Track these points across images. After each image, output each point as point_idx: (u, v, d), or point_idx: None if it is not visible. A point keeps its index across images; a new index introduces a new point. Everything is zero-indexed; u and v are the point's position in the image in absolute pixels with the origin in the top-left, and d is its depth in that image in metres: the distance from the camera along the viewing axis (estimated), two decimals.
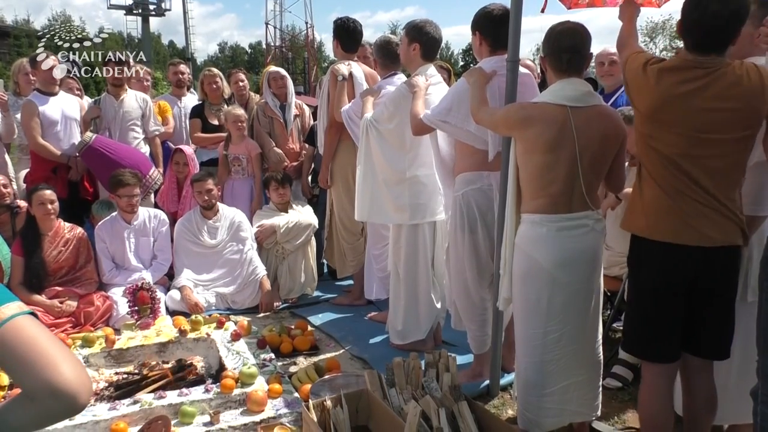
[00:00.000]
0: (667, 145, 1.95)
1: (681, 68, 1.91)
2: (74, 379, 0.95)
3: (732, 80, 1.86)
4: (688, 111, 1.90)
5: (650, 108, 1.98)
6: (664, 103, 1.93)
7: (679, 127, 1.92)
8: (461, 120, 2.61)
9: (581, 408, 2.35)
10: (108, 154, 4.22)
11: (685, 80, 1.89)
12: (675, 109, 1.92)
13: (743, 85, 1.86)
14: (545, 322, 2.23)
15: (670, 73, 1.92)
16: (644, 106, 2.01)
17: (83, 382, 0.96)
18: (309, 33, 40.59)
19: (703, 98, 1.88)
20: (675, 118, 1.92)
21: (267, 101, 4.68)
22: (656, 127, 1.98)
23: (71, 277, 3.80)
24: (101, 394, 2.73)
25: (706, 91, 1.87)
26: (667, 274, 1.99)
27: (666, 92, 1.92)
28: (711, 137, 1.89)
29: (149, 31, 36.93)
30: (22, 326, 0.97)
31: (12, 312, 0.98)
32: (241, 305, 4.06)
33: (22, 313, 1.00)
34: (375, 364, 3.05)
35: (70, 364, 0.95)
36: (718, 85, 1.87)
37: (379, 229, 3.70)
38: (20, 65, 4.87)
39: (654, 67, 1.95)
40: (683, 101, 1.90)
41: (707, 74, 1.88)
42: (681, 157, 1.93)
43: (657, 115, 1.96)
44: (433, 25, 3.16)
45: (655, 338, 2.07)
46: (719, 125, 1.88)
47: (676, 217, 1.94)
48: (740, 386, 2.17)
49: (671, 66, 1.93)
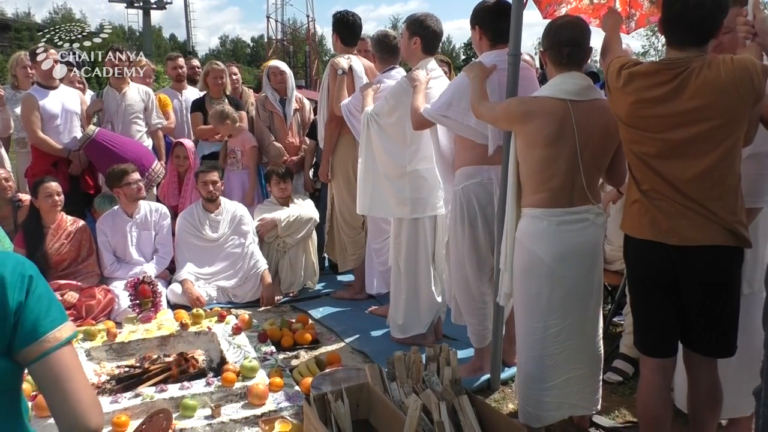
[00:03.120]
0: (642, 147, 1.95)
1: (650, 72, 1.88)
2: (100, 424, 1.11)
3: (702, 79, 1.81)
4: (659, 115, 1.87)
5: (622, 112, 1.97)
6: (634, 107, 1.91)
7: (650, 130, 1.91)
8: (461, 114, 2.61)
9: (581, 401, 2.36)
10: (111, 147, 4.22)
11: (655, 84, 1.86)
12: (645, 113, 1.90)
13: (713, 82, 1.80)
14: (546, 316, 2.24)
15: (640, 78, 1.89)
16: (618, 110, 2.00)
17: (102, 423, 1.12)
18: (310, 26, 40.49)
19: (673, 101, 1.84)
20: (646, 122, 1.91)
21: (267, 95, 4.67)
22: (630, 131, 1.97)
23: (73, 270, 3.82)
24: (103, 388, 2.74)
25: (676, 94, 1.83)
26: (649, 270, 2.00)
27: (634, 96, 1.90)
28: (684, 138, 1.86)
29: (150, 24, 36.86)
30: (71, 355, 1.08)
31: (66, 335, 1.07)
32: (242, 299, 4.07)
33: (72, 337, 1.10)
34: (376, 357, 3.06)
35: (98, 409, 1.11)
36: (688, 85, 1.82)
37: (380, 223, 3.70)
38: (18, 59, 4.84)
39: (626, 72, 1.93)
40: (653, 105, 1.87)
41: (676, 75, 1.83)
42: (655, 159, 1.92)
43: (629, 120, 1.95)
44: (434, 19, 3.15)
45: (648, 333, 2.07)
46: (691, 126, 1.85)
47: (655, 217, 1.94)
48: (738, 380, 2.17)
49: (642, 71, 1.90)
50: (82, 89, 4.83)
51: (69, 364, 1.07)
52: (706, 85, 1.81)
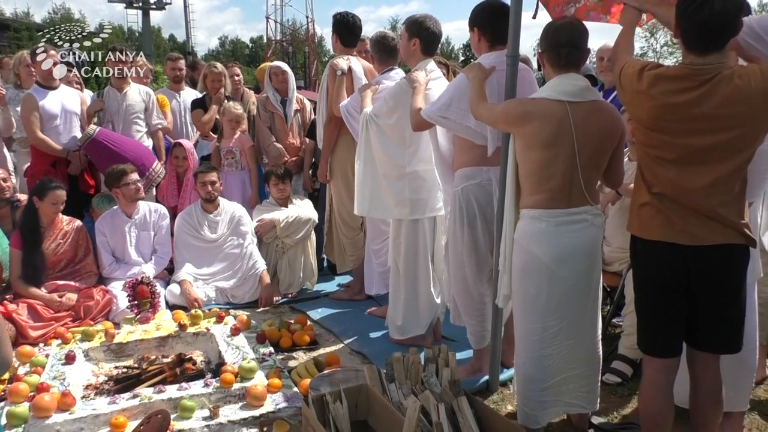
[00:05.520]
0: (660, 151, 1.95)
1: (679, 77, 1.87)
2: None
3: (731, 88, 1.81)
4: (684, 120, 1.87)
5: (644, 114, 1.96)
6: (659, 110, 1.91)
7: (673, 135, 1.91)
8: (460, 115, 2.61)
9: (576, 400, 2.36)
10: (111, 147, 4.21)
11: (683, 89, 1.85)
12: (670, 117, 1.89)
13: (743, 92, 1.80)
14: (544, 316, 2.24)
15: (667, 81, 1.88)
16: (638, 112, 2.00)
17: None
18: (310, 27, 40.51)
19: (700, 107, 1.84)
20: (670, 126, 1.90)
21: (268, 96, 4.67)
22: (650, 135, 1.97)
23: (70, 270, 3.81)
24: (101, 388, 2.74)
25: (703, 101, 1.83)
26: (661, 271, 2.01)
27: (661, 100, 1.89)
28: (706, 145, 1.87)
29: (150, 24, 36.86)
30: None
31: None
32: (240, 300, 4.06)
33: None
34: (374, 359, 3.06)
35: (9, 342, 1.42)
36: (717, 93, 1.82)
37: (379, 224, 3.70)
38: (21, 57, 4.84)
39: (651, 73, 1.91)
40: (679, 110, 1.87)
41: (705, 82, 1.83)
42: (673, 163, 1.93)
43: (651, 122, 1.95)
44: (433, 21, 3.15)
45: (654, 333, 2.08)
46: (715, 134, 1.85)
47: (667, 218, 1.95)
48: (733, 374, 2.20)
49: (669, 74, 1.89)
50: (79, 89, 4.82)
51: None
52: (735, 95, 1.81)
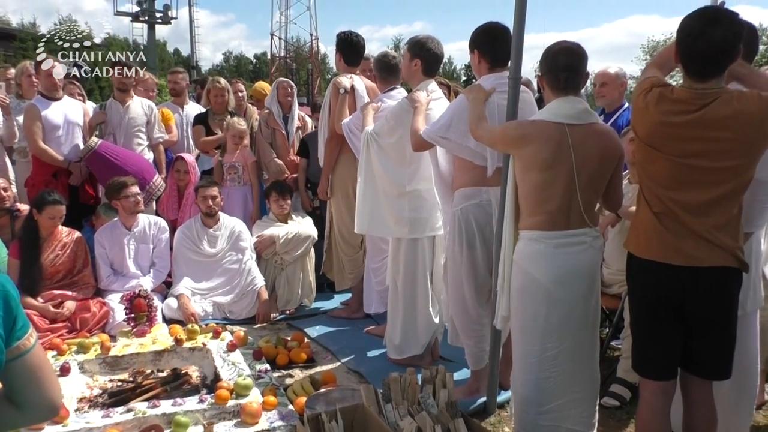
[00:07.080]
0: (658, 170, 1.97)
1: (680, 100, 1.89)
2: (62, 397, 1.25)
3: (729, 111, 1.84)
4: (681, 140, 1.90)
5: (644, 130, 1.99)
6: (658, 127, 1.93)
7: (671, 154, 1.92)
8: (460, 136, 2.62)
9: (577, 426, 2.33)
10: (113, 159, 4.23)
11: (682, 111, 1.88)
12: (668, 136, 1.92)
13: (740, 116, 1.83)
14: (542, 338, 2.23)
15: (670, 102, 1.91)
16: (639, 126, 2.02)
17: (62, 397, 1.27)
18: (313, 45, 40.94)
19: (697, 129, 1.86)
20: (668, 145, 1.93)
21: (272, 110, 4.70)
22: (648, 151, 1.99)
23: (68, 281, 3.80)
24: (95, 401, 2.72)
25: (701, 122, 1.86)
26: (657, 291, 2.01)
27: (660, 118, 1.91)
28: (702, 166, 1.89)
29: (155, 38, 37.15)
30: (40, 351, 1.19)
31: (35, 339, 1.17)
32: (238, 315, 4.05)
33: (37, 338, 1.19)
34: (371, 378, 3.03)
35: (59, 386, 1.23)
36: (714, 114, 1.85)
37: (378, 243, 3.70)
38: (23, 67, 4.87)
39: (657, 90, 1.94)
40: (677, 130, 1.89)
41: (704, 106, 1.86)
42: (670, 182, 1.94)
43: (650, 140, 1.97)
44: (435, 42, 3.19)
45: (649, 355, 2.08)
46: (712, 155, 1.87)
47: (664, 238, 1.96)
48: (732, 400, 2.18)
49: (673, 97, 1.91)
50: (82, 101, 4.85)
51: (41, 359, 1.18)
52: (735, 117, 1.84)
